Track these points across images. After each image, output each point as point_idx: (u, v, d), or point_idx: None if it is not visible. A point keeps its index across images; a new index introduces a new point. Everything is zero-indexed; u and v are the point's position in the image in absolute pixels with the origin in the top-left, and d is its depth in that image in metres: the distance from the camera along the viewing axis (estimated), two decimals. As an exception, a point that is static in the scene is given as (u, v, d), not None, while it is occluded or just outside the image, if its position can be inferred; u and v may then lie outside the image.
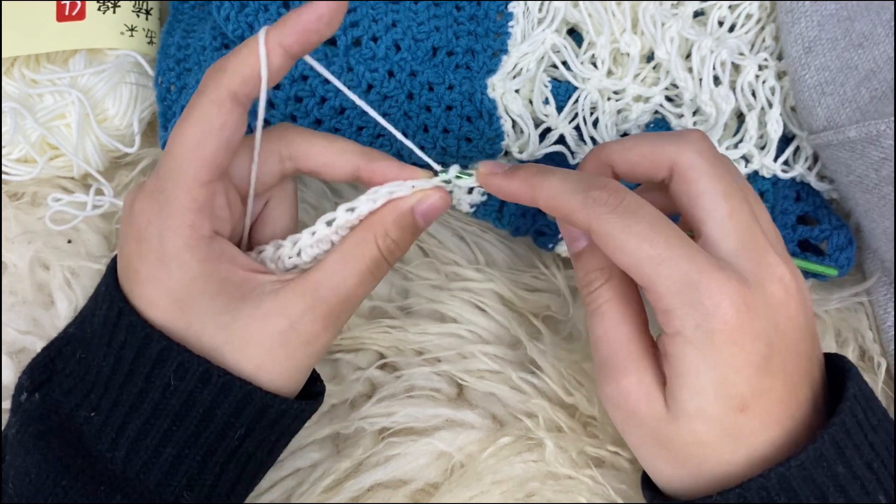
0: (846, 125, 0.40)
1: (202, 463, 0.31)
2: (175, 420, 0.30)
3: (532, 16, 0.43)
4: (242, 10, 0.40)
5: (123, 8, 0.45)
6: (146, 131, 0.47)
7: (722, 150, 0.43)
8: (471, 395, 0.42)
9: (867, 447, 0.29)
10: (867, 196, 0.41)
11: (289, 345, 0.31)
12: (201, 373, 0.30)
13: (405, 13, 0.41)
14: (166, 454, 0.30)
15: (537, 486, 0.39)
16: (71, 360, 0.33)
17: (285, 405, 0.32)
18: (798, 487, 0.28)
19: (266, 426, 0.32)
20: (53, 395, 0.32)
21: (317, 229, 0.32)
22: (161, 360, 0.30)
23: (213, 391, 0.30)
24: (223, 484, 0.32)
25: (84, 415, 0.31)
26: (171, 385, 0.30)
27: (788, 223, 0.43)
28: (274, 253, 0.33)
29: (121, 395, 0.30)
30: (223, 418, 0.30)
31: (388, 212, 0.32)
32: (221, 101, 0.29)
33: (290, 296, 0.31)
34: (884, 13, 0.41)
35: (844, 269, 0.43)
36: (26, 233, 0.45)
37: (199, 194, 0.29)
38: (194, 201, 0.29)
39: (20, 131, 0.43)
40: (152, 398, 0.30)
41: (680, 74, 0.42)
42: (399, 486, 0.40)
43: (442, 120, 0.41)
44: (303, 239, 0.33)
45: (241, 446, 0.32)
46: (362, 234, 0.32)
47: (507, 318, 0.43)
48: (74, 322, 0.35)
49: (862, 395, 0.30)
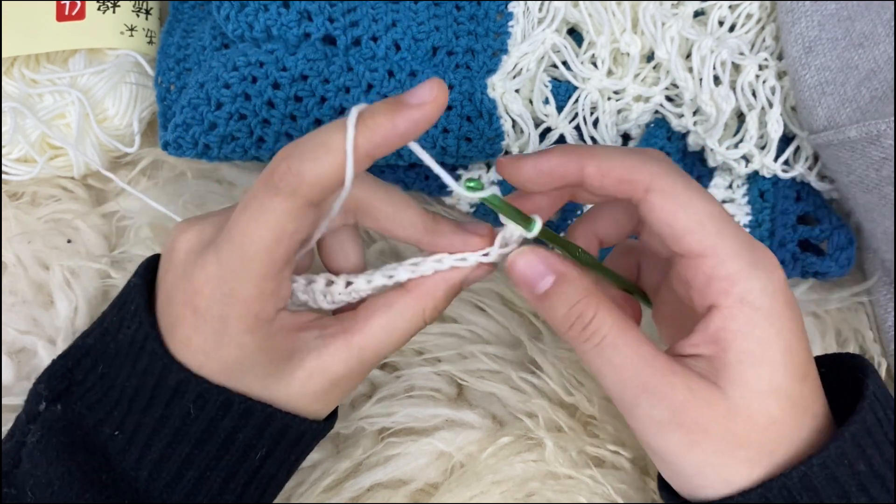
0: (846, 125, 0.40)
1: (223, 485, 0.31)
2: (196, 445, 0.30)
3: (532, 15, 0.43)
4: (242, 9, 0.40)
5: (123, 8, 0.45)
6: (146, 131, 0.47)
7: (722, 149, 0.43)
8: (471, 395, 0.42)
9: (887, 444, 0.28)
10: (867, 196, 0.40)
11: (328, 396, 0.32)
12: (222, 402, 0.30)
13: (405, 13, 0.41)
14: (188, 476, 0.31)
15: (537, 486, 0.39)
16: (92, 373, 0.33)
17: (304, 425, 0.32)
18: (820, 486, 0.27)
19: (286, 446, 0.32)
20: (76, 408, 0.32)
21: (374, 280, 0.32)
22: (180, 392, 0.30)
23: (234, 417, 0.30)
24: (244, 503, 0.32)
25: (108, 432, 0.31)
26: (192, 414, 0.30)
27: (789, 223, 0.43)
28: (306, 286, 0.33)
29: (143, 418, 0.31)
30: (244, 441, 0.31)
31: (441, 284, 0.31)
32: (298, 210, 0.27)
33: (334, 357, 0.31)
34: (884, 13, 0.41)
35: (845, 269, 0.43)
36: (26, 232, 0.45)
37: (267, 288, 0.29)
38: (262, 294, 0.29)
39: (20, 131, 0.43)
40: (173, 424, 0.30)
41: (680, 74, 0.42)
42: (399, 486, 0.40)
43: (441, 120, 0.41)
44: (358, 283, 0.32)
45: (262, 467, 0.32)
46: (411, 304, 0.31)
47: (508, 317, 0.43)
48: (93, 332, 0.34)
49: (881, 393, 0.29)
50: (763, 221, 0.43)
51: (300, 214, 0.28)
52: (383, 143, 0.27)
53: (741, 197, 0.44)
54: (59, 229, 0.45)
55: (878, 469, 0.28)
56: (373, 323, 0.31)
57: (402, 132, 0.26)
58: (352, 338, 0.31)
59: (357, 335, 0.31)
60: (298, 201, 0.27)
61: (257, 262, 0.28)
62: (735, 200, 0.44)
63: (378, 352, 0.31)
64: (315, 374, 0.31)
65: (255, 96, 0.40)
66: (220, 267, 0.28)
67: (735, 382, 0.28)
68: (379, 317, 0.31)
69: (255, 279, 0.28)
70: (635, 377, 0.28)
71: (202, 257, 0.29)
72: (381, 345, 0.31)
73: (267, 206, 0.27)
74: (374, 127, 0.26)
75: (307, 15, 0.41)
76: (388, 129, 0.26)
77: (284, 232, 0.28)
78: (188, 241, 0.31)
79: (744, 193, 0.44)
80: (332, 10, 0.41)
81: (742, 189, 0.44)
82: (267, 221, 0.28)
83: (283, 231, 0.28)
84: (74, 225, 0.45)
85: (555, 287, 0.30)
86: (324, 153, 0.27)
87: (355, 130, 0.26)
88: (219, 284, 0.29)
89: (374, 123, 0.26)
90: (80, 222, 0.45)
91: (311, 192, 0.27)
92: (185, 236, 0.31)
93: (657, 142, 0.43)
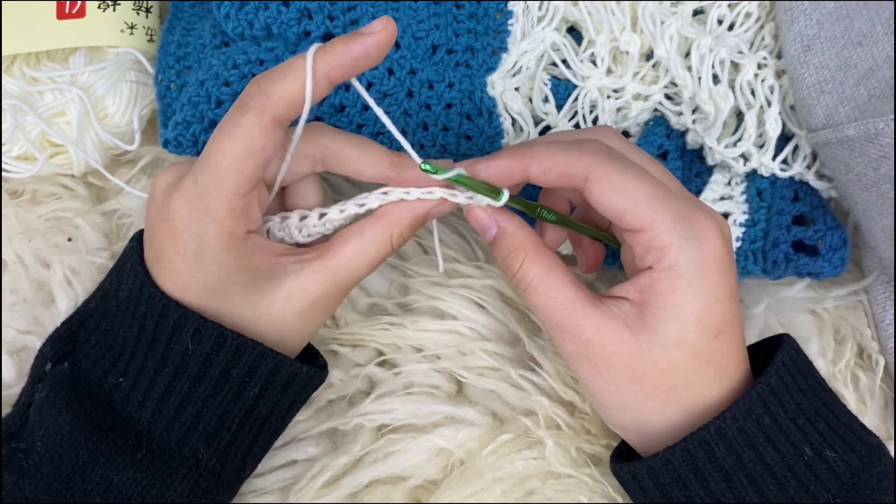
0: (845, 123, 0.40)
1: (219, 422, 0.34)
2: (194, 381, 0.33)
3: (532, 14, 0.43)
4: (242, 7, 0.40)
5: (123, 6, 0.45)
6: (146, 129, 0.47)
7: (721, 147, 0.43)
8: (470, 392, 0.42)
9: (793, 405, 0.33)
10: (865, 194, 0.41)
11: (308, 317, 0.35)
12: (216, 336, 0.33)
13: (405, 11, 0.41)
14: (187, 413, 0.33)
15: (537, 485, 0.39)
16: (95, 332, 0.36)
17: (295, 367, 0.35)
18: (733, 438, 0.32)
19: (279, 387, 0.35)
20: (82, 365, 0.35)
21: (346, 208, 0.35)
22: (178, 328, 0.33)
23: (227, 353, 0.33)
24: (239, 443, 0.35)
25: (113, 381, 0.34)
26: (189, 349, 0.33)
27: (784, 224, 0.43)
28: (281, 223, 0.36)
29: (146, 362, 0.34)
30: (238, 378, 0.34)
31: (407, 213, 0.35)
32: (265, 125, 0.31)
33: (312, 278, 0.34)
34: (883, 12, 0.41)
35: (838, 270, 0.43)
36: (26, 231, 0.45)
37: (238, 204, 0.32)
38: (233, 211, 0.31)
39: (20, 129, 0.43)
40: (173, 362, 0.33)
41: (679, 73, 0.42)
42: (398, 483, 0.40)
43: (442, 118, 0.41)
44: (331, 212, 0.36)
45: (256, 407, 0.35)
46: (380, 230, 0.35)
47: (507, 314, 0.43)
48: (95, 297, 0.37)
49: (792, 364, 0.34)
50: (758, 221, 0.43)
51: (268, 130, 0.31)
52: (340, 66, 0.31)
53: (739, 195, 0.44)
54: (60, 227, 0.45)
55: (784, 424, 0.32)
56: (346, 247, 0.34)
57: (355, 56, 0.31)
58: (327, 261, 0.34)
59: (332, 259, 0.34)
60: (266, 117, 0.31)
61: (229, 178, 0.31)
62: (733, 198, 0.44)
63: (352, 274, 0.35)
64: (295, 294, 0.34)
65: (255, 94, 0.40)
66: (195, 186, 0.31)
67: (644, 330, 0.32)
68: (352, 242, 0.34)
69: (227, 195, 0.31)
70: (552, 317, 0.34)
71: (179, 184, 0.32)
72: (355, 267, 0.35)
73: (238, 124, 0.31)
74: (332, 52, 0.31)
75: (307, 13, 0.41)
76: (343, 53, 0.31)
77: (254, 147, 0.31)
78: (166, 179, 0.34)
79: (742, 191, 0.44)
80: (332, 8, 0.41)
81: (740, 187, 0.44)
82: (238, 138, 0.31)
83: (253, 146, 0.31)
84: (75, 223, 0.45)
85: (496, 238, 0.35)
86: (289, 73, 0.31)
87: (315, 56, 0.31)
88: (195, 203, 0.31)
89: (332, 49, 0.31)
90: (81, 220, 0.45)
91: (277, 108, 0.31)
92: (163, 176, 0.34)
93: (656, 139, 0.43)
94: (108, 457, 0.33)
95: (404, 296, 0.44)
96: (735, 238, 0.43)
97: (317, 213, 0.36)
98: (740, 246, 0.43)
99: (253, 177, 0.31)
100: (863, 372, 0.44)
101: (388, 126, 0.33)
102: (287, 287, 0.34)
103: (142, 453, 0.33)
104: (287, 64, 0.31)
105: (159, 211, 0.33)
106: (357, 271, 0.35)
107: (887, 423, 0.44)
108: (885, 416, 0.44)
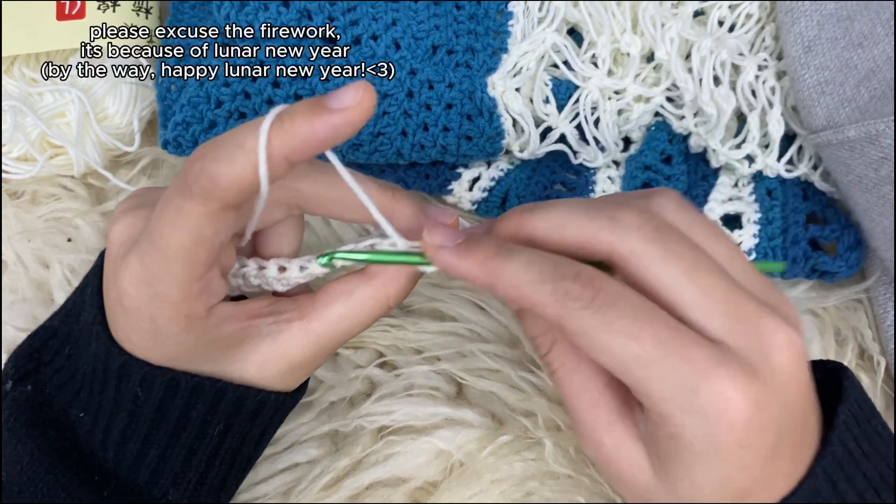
0: (846, 124, 0.40)
1: (186, 461, 0.31)
2: (152, 426, 0.30)
3: (532, 15, 0.43)
4: (242, 9, 0.40)
5: (123, 6, 0.45)
6: (146, 130, 0.47)
7: (725, 150, 0.43)
8: (470, 393, 0.42)
9: (860, 477, 0.27)
10: (866, 195, 0.41)
11: (288, 378, 0.32)
12: (167, 381, 0.30)
13: (405, 11, 0.41)
14: (151, 455, 0.31)
15: (536, 486, 0.39)
16: (59, 354, 0.33)
17: (261, 395, 0.31)
18: None
19: (246, 419, 0.32)
20: (45, 389, 0.32)
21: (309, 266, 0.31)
22: (125, 375, 0.30)
23: (183, 396, 0.30)
24: (210, 480, 0.32)
25: (75, 413, 0.32)
26: (140, 397, 0.30)
27: (800, 221, 0.43)
28: (258, 272, 0.32)
29: (102, 401, 0.31)
30: (199, 418, 0.31)
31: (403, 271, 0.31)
32: (213, 213, 0.26)
33: (290, 343, 0.30)
34: (883, 13, 0.41)
35: (854, 270, 0.43)
36: (26, 231, 0.45)
37: (194, 289, 0.28)
38: (188, 296, 0.28)
39: (20, 130, 0.43)
40: (126, 406, 0.30)
41: (680, 75, 0.42)
42: (398, 485, 0.40)
43: (442, 118, 0.41)
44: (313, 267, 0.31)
45: (224, 442, 0.32)
46: (374, 293, 0.31)
47: (507, 316, 0.43)
48: (59, 315, 0.35)
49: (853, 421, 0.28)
50: (774, 219, 0.43)
51: (217, 218, 0.26)
52: (301, 148, 0.25)
53: (748, 195, 0.44)
54: (60, 228, 0.45)
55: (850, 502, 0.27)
56: (332, 310, 0.31)
57: (321, 138, 0.25)
58: (309, 324, 0.31)
59: (315, 322, 0.30)
60: (213, 205, 0.26)
61: (178, 266, 0.27)
62: (742, 199, 0.44)
63: (338, 337, 0.31)
64: (270, 359, 0.31)
65: (255, 94, 0.40)
66: (143, 269, 0.27)
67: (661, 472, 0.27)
68: (339, 305, 0.31)
69: (179, 282, 0.27)
70: (574, 413, 0.29)
71: (127, 257, 0.28)
72: (341, 331, 0.31)
73: (182, 210, 0.26)
74: (292, 130, 0.25)
75: (307, 14, 0.41)
76: (306, 132, 0.25)
77: (202, 236, 0.27)
78: (119, 234, 0.30)
79: (750, 192, 0.44)
80: (332, 8, 0.41)
81: (748, 188, 0.44)
82: (183, 226, 0.26)
83: (201, 235, 0.26)
84: (74, 223, 0.45)
85: (523, 313, 0.30)
86: (238, 154, 0.25)
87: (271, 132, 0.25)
88: (143, 287, 0.28)
89: (291, 126, 0.25)
90: (81, 221, 0.45)
91: (226, 196, 0.26)
92: (116, 227, 0.30)
93: (659, 144, 0.43)
94: (72, 492, 0.30)
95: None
96: (752, 235, 0.42)
97: (297, 265, 0.31)
98: (758, 243, 0.43)
99: (207, 261, 0.27)
100: (864, 373, 0.44)
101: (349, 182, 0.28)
102: (262, 351, 0.30)
103: (108, 491, 0.30)
104: (237, 141, 0.25)
105: (111, 276, 0.29)
106: (343, 335, 0.31)
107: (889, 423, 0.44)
108: (886, 417, 0.44)
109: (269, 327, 0.30)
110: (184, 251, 0.27)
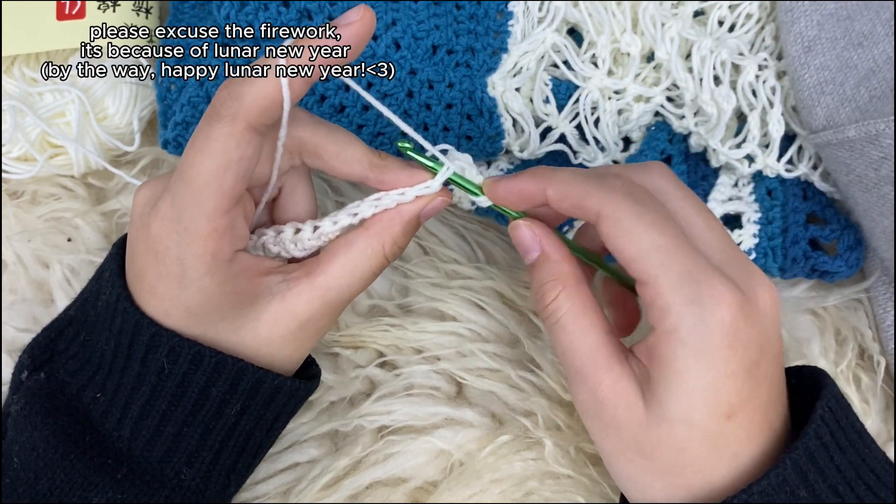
0: (846, 124, 0.40)
1: (201, 440, 0.32)
2: (172, 401, 0.32)
3: (532, 15, 0.43)
4: (242, 9, 0.40)
5: (123, 7, 0.45)
6: (146, 130, 0.47)
7: (725, 150, 0.43)
8: (470, 393, 0.42)
9: (833, 470, 0.29)
10: (866, 195, 0.41)
11: (297, 340, 0.33)
12: (192, 355, 0.31)
13: (405, 11, 0.41)
14: (166, 433, 0.32)
15: (536, 486, 0.39)
16: (74, 341, 0.34)
17: (278, 380, 0.33)
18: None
19: (261, 403, 0.33)
20: (59, 376, 0.33)
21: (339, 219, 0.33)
22: (153, 346, 0.31)
23: (206, 371, 0.31)
24: (223, 461, 0.33)
25: (91, 395, 0.32)
26: (165, 369, 0.31)
27: (800, 221, 0.43)
28: (276, 237, 0.34)
29: (123, 378, 0.32)
30: (218, 396, 0.32)
31: (396, 219, 0.32)
32: (240, 134, 0.28)
33: (299, 300, 0.32)
34: (883, 12, 0.41)
35: (853, 270, 0.43)
36: (26, 231, 0.45)
37: (221, 223, 0.29)
38: (216, 231, 0.29)
39: (20, 129, 0.43)
40: (149, 381, 0.31)
41: (680, 75, 0.42)
42: (398, 485, 0.40)
43: (442, 118, 0.41)
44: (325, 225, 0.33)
45: (239, 423, 0.33)
46: (370, 241, 0.32)
47: (507, 316, 0.43)
48: (75, 304, 0.36)
49: (831, 416, 0.30)
50: (774, 219, 0.43)
51: (243, 139, 0.29)
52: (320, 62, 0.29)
53: (748, 195, 0.44)
54: (59, 228, 0.45)
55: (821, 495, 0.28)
56: (334, 263, 0.32)
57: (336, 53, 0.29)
58: (314, 279, 0.32)
59: (320, 276, 0.32)
60: (239, 125, 0.28)
61: (207, 194, 0.29)
62: (742, 199, 0.44)
63: (342, 292, 0.32)
64: (281, 317, 0.32)
65: (255, 95, 0.40)
66: (174, 206, 0.29)
67: (652, 401, 0.29)
68: (340, 257, 0.32)
69: (208, 213, 0.29)
70: (573, 361, 0.31)
71: (157, 203, 0.30)
72: (345, 284, 0.32)
73: (210, 135, 0.28)
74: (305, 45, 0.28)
75: (307, 13, 0.41)
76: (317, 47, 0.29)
77: (230, 159, 0.28)
78: (144, 196, 0.32)
79: (750, 192, 0.44)
80: (332, 8, 0.41)
81: (748, 188, 0.44)
82: (211, 150, 0.28)
83: (229, 158, 0.28)
84: (74, 223, 0.45)
85: (536, 263, 0.33)
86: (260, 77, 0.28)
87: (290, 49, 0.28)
88: (174, 224, 0.29)
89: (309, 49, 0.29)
90: (80, 220, 0.45)
91: (251, 114, 0.28)
92: (140, 192, 0.32)
93: (659, 144, 0.43)
94: (87, 476, 0.31)
95: (404, 297, 0.44)
96: (752, 235, 0.43)
97: (310, 226, 0.33)
98: (758, 243, 0.43)
99: (234, 191, 0.29)
100: (864, 373, 0.44)
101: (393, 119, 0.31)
102: (272, 310, 0.32)
103: (122, 473, 0.31)
104: (258, 63, 0.29)
105: (139, 231, 0.31)
106: (348, 288, 0.32)
107: (888, 424, 0.44)
108: (886, 416, 0.44)
109: (278, 285, 0.32)
110: (213, 177, 0.28)
